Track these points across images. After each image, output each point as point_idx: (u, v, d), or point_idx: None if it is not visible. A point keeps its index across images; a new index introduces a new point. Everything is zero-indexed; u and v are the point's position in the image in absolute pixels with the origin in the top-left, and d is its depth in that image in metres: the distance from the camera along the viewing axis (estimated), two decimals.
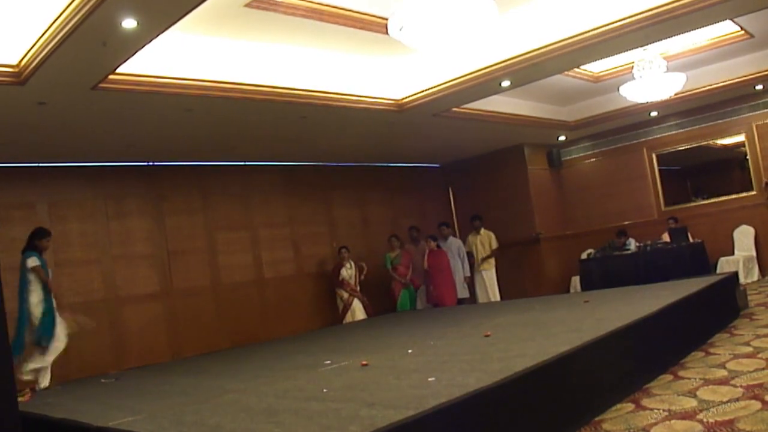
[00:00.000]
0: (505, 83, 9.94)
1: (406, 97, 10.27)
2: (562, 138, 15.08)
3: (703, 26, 8.91)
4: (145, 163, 11.07)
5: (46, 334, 8.11)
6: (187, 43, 7.85)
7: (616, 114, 13.62)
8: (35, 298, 8.17)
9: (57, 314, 8.28)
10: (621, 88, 10.59)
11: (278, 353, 8.82)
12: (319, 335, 9.50)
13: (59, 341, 8.23)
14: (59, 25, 6.04)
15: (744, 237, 13.16)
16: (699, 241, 12.48)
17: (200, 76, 8.02)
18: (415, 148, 13.73)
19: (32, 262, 8.22)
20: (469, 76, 9.62)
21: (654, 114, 13.88)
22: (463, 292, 13.52)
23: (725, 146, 13.86)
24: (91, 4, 5.64)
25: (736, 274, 9.59)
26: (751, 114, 13.13)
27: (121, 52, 6.70)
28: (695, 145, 13.99)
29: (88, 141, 9.42)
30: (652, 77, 10.13)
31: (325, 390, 5.06)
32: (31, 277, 8.21)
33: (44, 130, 8.55)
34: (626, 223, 14.36)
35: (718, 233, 13.27)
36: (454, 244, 13.71)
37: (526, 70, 9.39)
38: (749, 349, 6.29)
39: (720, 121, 13.53)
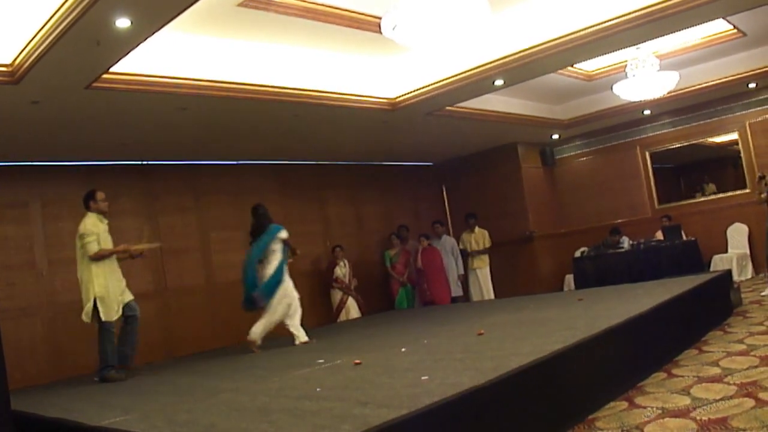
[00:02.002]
0: (499, 82, 9.95)
1: (399, 96, 10.27)
2: (555, 136, 15.10)
3: (695, 24, 8.93)
4: (139, 162, 11.05)
5: (267, 294, 8.89)
6: (181, 43, 7.85)
7: (609, 112, 13.64)
8: (274, 264, 8.95)
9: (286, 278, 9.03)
10: (614, 87, 10.62)
11: (272, 352, 8.81)
12: (313, 334, 9.49)
13: (285, 299, 9.00)
14: (53, 24, 6.03)
15: (737, 235, 13.21)
16: (692, 239, 12.50)
17: (194, 76, 8.02)
18: (408, 146, 13.73)
19: (285, 233, 9.13)
20: (463, 74, 9.62)
21: (647, 112, 13.91)
22: (457, 291, 13.55)
23: (718, 144, 13.89)
24: (84, 3, 5.63)
25: (729, 272, 9.64)
26: (744, 112, 13.16)
27: (115, 52, 6.69)
28: (688, 143, 14.02)
29: (82, 140, 9.41)
30: (645, 76, 10.16)
31: (318, 389, 5.06)
32: (277, 246, 9.02)
33: (38, 129, 8.54)
34: (620, 221, 14.38)
35: (711, 231, 13.31)
36: (447, 242, 13.75)
37: (520, 69, 9.40)
38: (743, 347, 6.31)
39: (713, 119, 13.57)
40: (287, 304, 8.96)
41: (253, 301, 8.89)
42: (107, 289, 7.94)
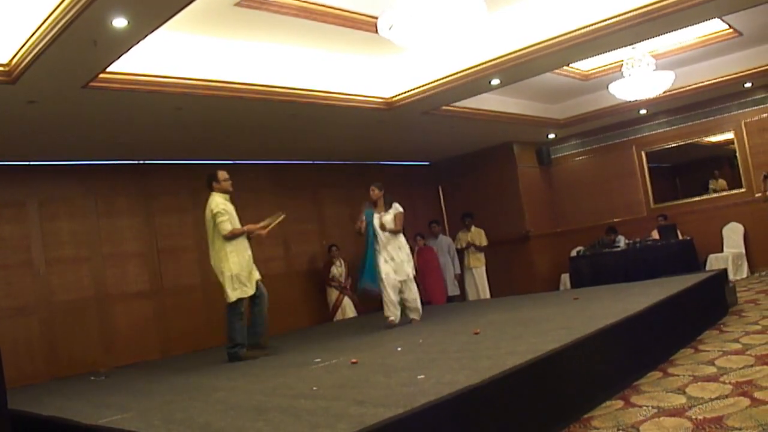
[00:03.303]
0: (495, 81, 9.96)
1: (395, 96, 10.27)
2: (551, 136, 15.12)
3: (691, 24, 8.95)
4: (136, 162, 11.04)
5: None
6: (178, 42, 7.85)
7: (605, 112, 13.66)
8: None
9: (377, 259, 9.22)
10: (610, 86, 10.64)
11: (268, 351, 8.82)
12: (309, 333, 9.51)
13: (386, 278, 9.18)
14: (50, 23, 6.03)
15: (733, 234, 13.22)
16: (688, 238, 12.54)
17: (190, 75, 8.02)
18: (404, 146, 13.73)
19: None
20: (459, 74, 9.62)
21: (643, 112, 13.93)
22: (453, 290, 13.56)
23: (714, 144, 13.90)
24: (82, 2, 5.63)
25: (725, 271, 9.62)
26: (740, 111, 13.20)
27: (112, 51, 6.69)
28: (684, 142, 14.04)
29: (79, 139, 9.41)
30: (641, 75, 10.17)
31: (314, 388, 5.06)
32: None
33: (35, 128, 8.53)
34: (616, 220, 14.42)
35: (707, 230, 13.32)
36: (444, 242, 13.76)
37: (516, 68, 9.41)
38: (738, 346, 6.31)
39: (709, 119, 13.61)
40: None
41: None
42: (241, 267, 7.97)
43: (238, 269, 7.91)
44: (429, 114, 11.03)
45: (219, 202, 8.09)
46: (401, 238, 9.31)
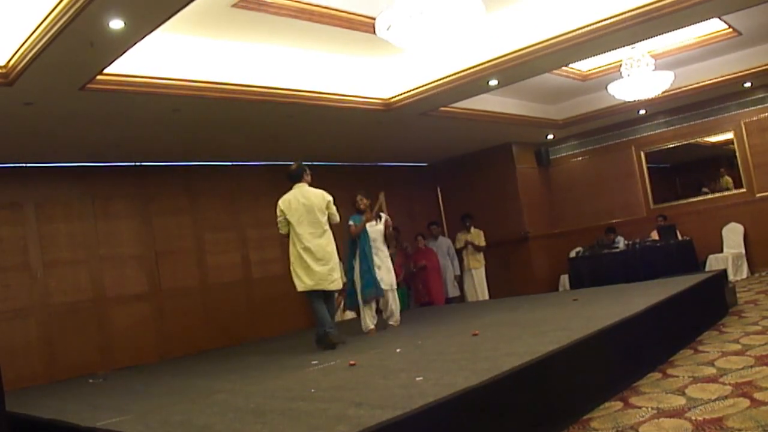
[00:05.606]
0: (493, 82, 9.95)
1: (393, 97, 10.26)
2: (550, 136, 15.11)
3: (690, 24, 8.94)
4: (133, 164, 11.02)
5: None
6: (175, 44, 7.83)
7: (604, 112, 13.65)
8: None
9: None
10: (609, 87, 10.63)
11: (266, 353, 8.81)
12: (307, 335, 9.47)
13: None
14: (47, 25, 6.01)
15: (733, 234, 13.20)
16: (688, 238, 12.54)
17: (188, 77, 8.00)
18: (403, 147, 13.72)
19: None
20: (457, 75, 9.60)
21: (642, 112, 13.92)
22: (454, 291, 13.55)
23: (714, 144, 13.89)
24: (78, 4, 5.61)
25: (724, 272, 9.63)
26: (739, 111, 13.19)
27: (109, 53, 6.68)
28: (684, 142, 14.03)
29: (76, 141, 9.39)
30: (640, 75, 10.16)
31: (312, 390, 5.05)
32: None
33: (32, 130, 8.51)
34: (615, 221, 14.40)
35: (706, 231, 13.31)
36: (443, 243, 13.74)
37: (514, 69, 9.39)
38: (738, 347, 6.31)
39: (708, 119, 13.59)
40: None
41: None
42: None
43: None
44: (427, 115, 11.01)
45: (326, 193, 8.38)
46: (385, 246, 9.41)
